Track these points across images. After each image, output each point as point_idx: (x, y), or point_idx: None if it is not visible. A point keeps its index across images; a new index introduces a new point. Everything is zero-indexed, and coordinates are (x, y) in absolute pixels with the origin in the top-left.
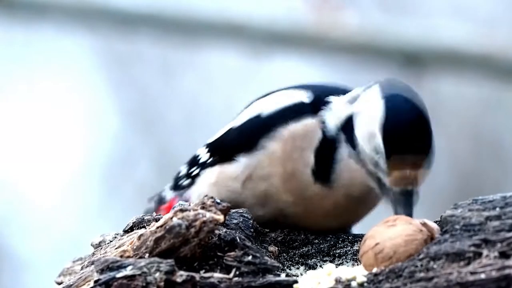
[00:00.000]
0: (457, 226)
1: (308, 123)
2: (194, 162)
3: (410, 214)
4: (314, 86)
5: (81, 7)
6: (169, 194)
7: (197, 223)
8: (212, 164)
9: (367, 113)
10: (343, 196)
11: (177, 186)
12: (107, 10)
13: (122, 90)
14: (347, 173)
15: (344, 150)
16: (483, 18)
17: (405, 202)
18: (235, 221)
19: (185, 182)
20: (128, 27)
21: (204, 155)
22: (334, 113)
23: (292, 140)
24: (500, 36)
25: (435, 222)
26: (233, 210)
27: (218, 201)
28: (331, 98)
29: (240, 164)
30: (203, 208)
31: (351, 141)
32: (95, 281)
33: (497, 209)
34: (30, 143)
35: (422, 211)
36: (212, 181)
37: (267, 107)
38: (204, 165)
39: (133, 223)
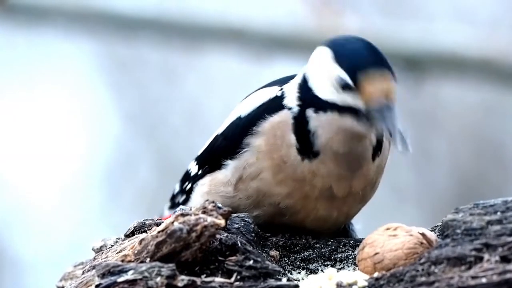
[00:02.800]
0: (458, 231)
1: (283, 113)
2: (186, 177)
3: (394, 125)
4: (285, 79)
5: (83, 11)
6: (168, 214)
7: (198, 227)
8: (202, 176)
9: (315, 63)
10: (329, 163)
11: (174, 205)
12: (108, 14)
13: (124, 94)
14: (324, 134)
15: (312, 115)
16: (483, 22)
17: (388, 117)
18: (236, 226)
19: (181, 199)
20: (129, 31)
21: (194, 169)
22: (289, 88)
23: (273, 131)
24: (500, 40)
25: (436, 226)
26: (234, 215)
27: (219, 205)
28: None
29: (229, 168)
30: (204, 212)
31: (314, 101)
32: (96, 286)
33: (498, 213)
34: (31, 146)
35: (423, 215)
36: (205, 190)
37: (245, 108)
38: (195, 178)
39: (134, 227)
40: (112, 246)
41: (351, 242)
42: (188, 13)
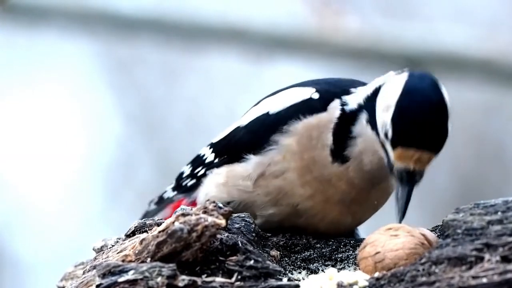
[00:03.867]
0: (459, 231)
1: (320, 116)
2: (199, 161)
3: (409, 191)
4: (320, 82)
5: (83, 11)
6: (171, 195)
7: (199, 227)
8: (218, 165)
9: (391, 86)
10: (356, 171)
11: (180, 186)
12: (109, 15)
13: (124, 95)
14: (361, 145)
15: (362, 124)
16: (484, 23)
17: (405, 180)
18: (237, 226)
19: (190, 182)
20: (130, 31)
21: (209, 155)
22: (357, 94)
23: (307, 132)
24: (501, 41)
25: (437, 226)
26: (235, 215)
27: (220, 205)
28: (352, 89)
29: (251, 163)
30: (205, 212)
31: (372, 109)
32: (97, 286)
33: (499, 213)
34: (32, 147)
35: (424, 215)
36: (221, 181)
37: (276, 105)
38: (210, 165)
39: (135, 227)
40: (112, 246)
41: (351, 242)
42: (189, 13)
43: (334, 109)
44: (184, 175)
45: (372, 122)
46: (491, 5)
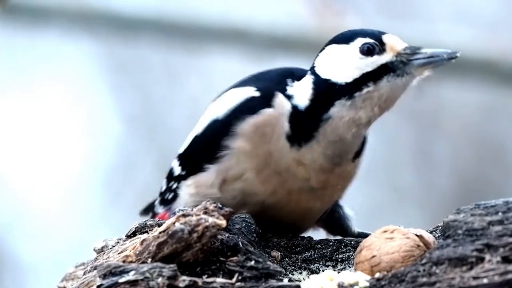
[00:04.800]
0: (459, 231)
1: (267, 112)
2: (170, 176)
3: (432, 53)
4: (256, 78)
5: (84, 12)
6: (160, 210)
7: (200, 228)
8: (186, 177)
9: (327, 59)
10: (320, 150)
11: (164, 201)
12: (109, 16)
13: (125, 95)
14: (329, 127)
15: (343, 104)
16: (485, 23)
17: (420, 52)
18: (237, 226)
19: (169, 196)
20: (130, 32)
21: (176, 168)
22: (299, 88)
23: (256, 130)
24: (502, 41)
25: (437, 227)
26: (236, 215)
27: (221, 206)
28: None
29: (211, 171)
30: (205, 213)
31: (340, 90)
32: (98, 286)
33: (500, 214)
34: (32, 148)
35: (424, 216)
36: (191, 191)
37: (221, 109)
38: (179, 178)
39: (135, 228)
40: (113, 246)
41: (352, 242)
42: (190, 14)
43: (281, 103)
44: (163, 189)
45: (349, 91)
46: (491, 6)
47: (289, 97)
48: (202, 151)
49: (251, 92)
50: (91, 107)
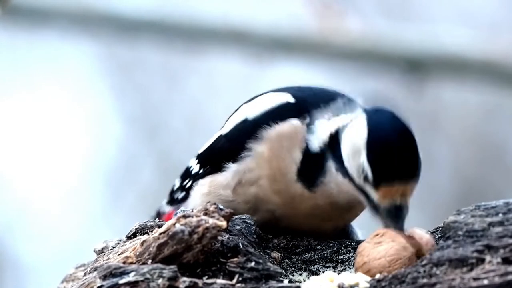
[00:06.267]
0: (460, 232)
1: (294, 123)
2: (186, 174)
3: (401, 228)
4: (298, 88)
5: (84, 13)
6: (167, 209)
7: (200, 229)
8: (203, 175)
9: (352, 129)
10: (326, 204)
11: (173, 200)
12: (110, 17)
13: (125, 96)
14: (334, 184)
15: (332, 164)
16: (485, 24)
17: (395, 217)
18: (238, 227)
19: (180, 195)
20: (131, 33)
21: (195, 167)
22: (317, 130)
23: (278, 140)
24: (502, 42)
25: (438, 228)
26: (236, 216)
27: (221, 207)
28: (315, 114)
29: (230, 171)
30: (206, 214)
31: (338, 156)
32: None
33: (500, 215)
34: (33, 149)
35: (425, 217)
36: (204, 191)
37: (253, 111)
38: (196, 177)
39: (136, 229)
40: (113, 248)
41: (353, 243)
42: (190, 15)
43: (303, 127)
44: (175, 188)
45: (341, 169)
46: (491, 7)
47: (312, 114)
48: (226, 150)
49: (287, 98)
50: (91, 108)
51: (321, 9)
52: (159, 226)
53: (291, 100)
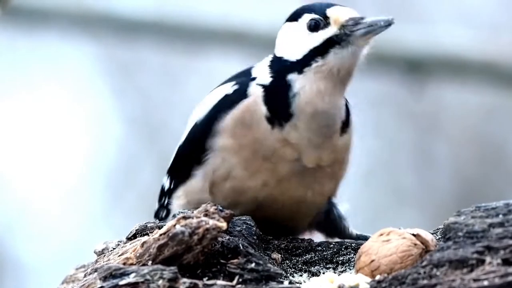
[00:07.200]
0: (460, 233)
1: (243, 102)
2: (162, 193)
3: (390, 19)
4: (235, 75)
5: (84, 14)
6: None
7: (200, 230)
8: (175, 188)
9: (281, 40)
10: (304, 125)
11: (159, 220)
12: (110, 18)
13: (125, 97)
14: (308, 91)
15: (298, 78)
16: (486, 25)
17: (362, 23)
18: (238, 228)
19: (163, 214)
20: (131, 34)
21: (166, 183)
22: (258, 70)
23: (237, 122)
24: (503, 43)
25: (438, 229)
26: (236, 218)
27: (221, 208)
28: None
29: (199, 175)
30: (206, 215)
31: (293, 65)
32: None
33: (500, 216)
34: (33, 150)
35: (425, 218)
36: (182, 202)
37: (199, 113)
38: (169, 192)
39: (136, 230)
40: (114, 249)
41: (353, 245)
42: (190, 16)
43: (254, 89)
44: (157, 209)
45: (300, 66)
46: (492, 7)
47: (253, 79)
48: (187, 157)
49: (229, 87)
50: (91, 109)
51: None
52: (160, 227)
53: (230, 90)
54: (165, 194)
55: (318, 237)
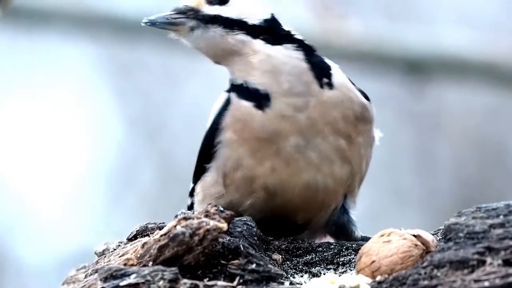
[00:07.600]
0: (460, 234)
1: (232, 105)
2: (190, 195)
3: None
4: None
5: (85, 15)
6: None
7: (201, 231)
8: (195, 187)
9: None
10: (282, 93)
11: None
12: (110, 19)
13: (126, 98)
14: (265, 78)
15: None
16: (486, 26)
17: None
18: (238, 229)
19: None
20: (131, 35)
21: (190, 185)
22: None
23: (234, 119)
24: (503, 44)
25: (439, 230)
26: (237, 218)
27: (222, 209)
28: None
29: (212, 170)
30: (206, 216)
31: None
32: None
33: (501, 217)
34: (34, 151)
35: (425, 219)
36: (199, 198)
37: (209, 121)
38: (192, 193)
39: (136, 231)
40: (114, 250)
41: (353, 246)
42: None
43: (232, 92)
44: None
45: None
46: (493, 9)
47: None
48: (203, 156)
49: (224, 94)
50: (92, 110)
51: (323, 11)
52: (160, 228)
53: (225, 93)
54: (190, 196)
55: (327, 238)
